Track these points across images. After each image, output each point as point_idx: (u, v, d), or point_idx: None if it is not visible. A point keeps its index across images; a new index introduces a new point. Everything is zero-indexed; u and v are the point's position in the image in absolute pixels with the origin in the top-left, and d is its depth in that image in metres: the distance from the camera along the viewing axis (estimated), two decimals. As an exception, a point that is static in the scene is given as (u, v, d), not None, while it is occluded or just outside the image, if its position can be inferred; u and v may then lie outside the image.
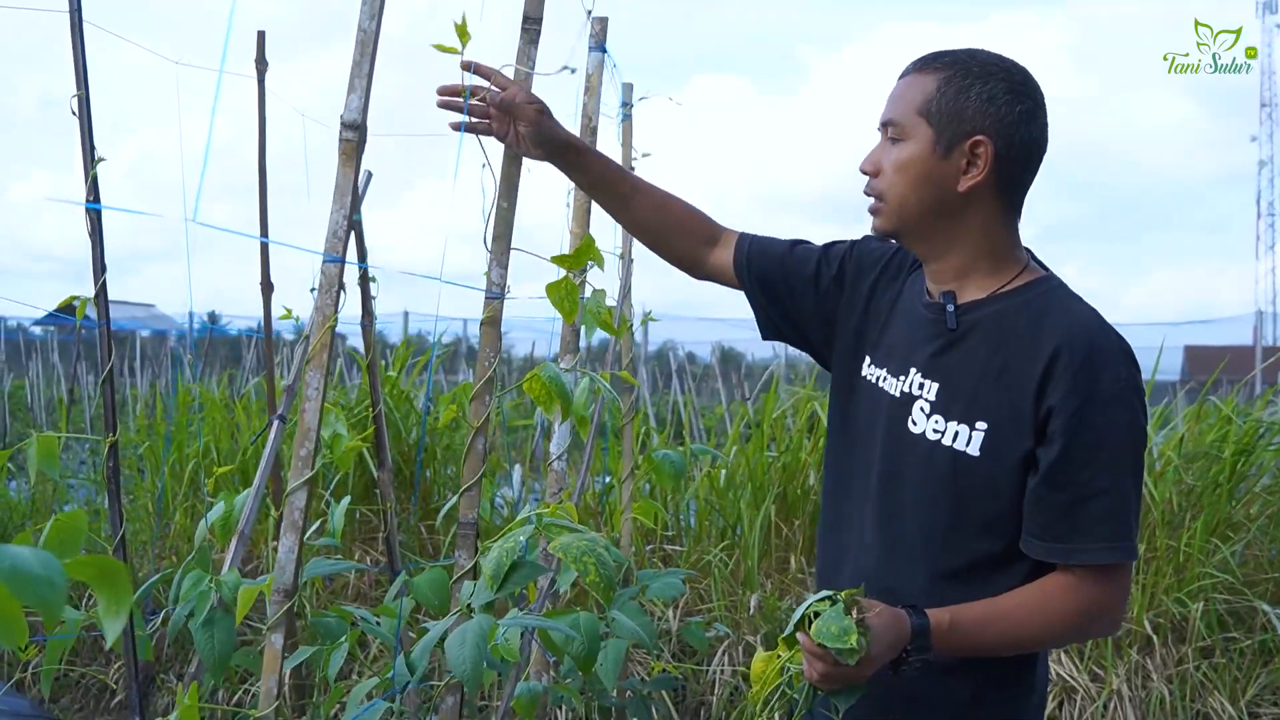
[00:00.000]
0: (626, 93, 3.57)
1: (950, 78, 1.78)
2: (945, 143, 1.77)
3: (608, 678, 2.85)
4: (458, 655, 1.85)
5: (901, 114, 1.82)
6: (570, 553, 1.97)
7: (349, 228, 1.72)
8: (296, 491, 1.73)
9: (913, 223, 1.84)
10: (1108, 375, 1.71)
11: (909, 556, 1.87)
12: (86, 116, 2.62)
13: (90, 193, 2.59)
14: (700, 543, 5.41)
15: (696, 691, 4.77)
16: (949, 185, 1.78)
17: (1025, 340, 1.76)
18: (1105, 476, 1.71)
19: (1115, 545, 1.72)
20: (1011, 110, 1.75)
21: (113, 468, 2.55)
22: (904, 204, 1.82)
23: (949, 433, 1.81)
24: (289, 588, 1.79)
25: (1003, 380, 1.77)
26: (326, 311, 1.71)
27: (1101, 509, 1.71)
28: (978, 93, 1.75)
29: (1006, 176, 1.79)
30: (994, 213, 1.81)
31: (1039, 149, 1.81)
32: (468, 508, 2.08)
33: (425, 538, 5.45)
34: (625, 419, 3.77)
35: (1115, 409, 1.71)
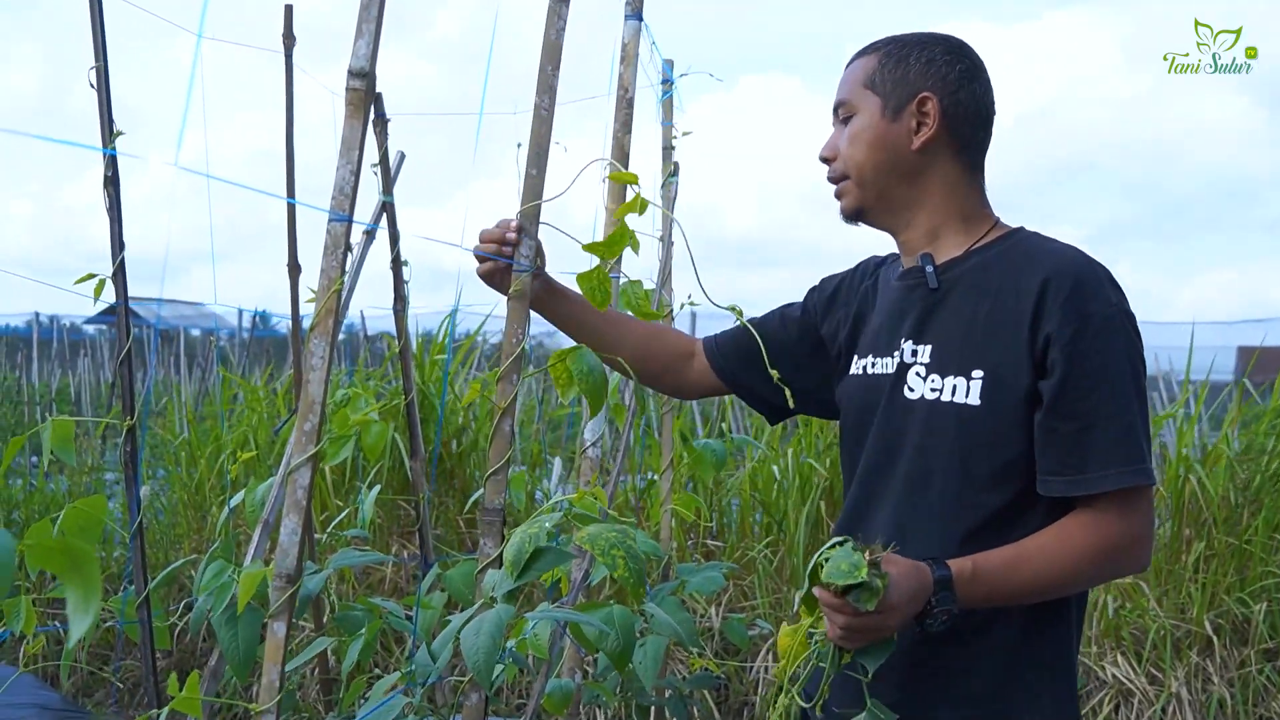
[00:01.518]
0: (667, 69, 3.45)
1: (890, 52, 1.88)
2: (893, 107, 1.85)
3: (646, 676, 2.74)
4: (471, 646, 1.74)
5: (849, 92, 1.91)
6: (599, 544, 1.86)
7: (356, 184, 1.61)
8: (300, 469, 1.62)
9: (875, 192, 1.89)
10: (1098, 301, 1.71)
11: (924, 524, 1.82)
12: (105, 89, 2.53)
13: (108, 168, 2.50)
14: (744, 538, 5.28)
15: (739, 691, 4.65)
16: (903, 146, 1.85)
17: (1009, 282, 1.77)
18: (1111, 402, 1.69)
19: (1130, 468, 1.69)
20: (951, 70, 1.84)
21: (130, 452, 2.45)
22: (862, 174, 1.88)
23: (947, 388, 1.80)
24: (292, 572, 1.68)
25: (992, 324, 1.77)
26: (332, 274, 1.60)
27: (1111, 435, 1.69)
28: (916, 57, 1.85)
29: (959, 134, 1.85)
30: (954, 171, 1.87)
31: (985, 107, 1.87)
32: (494, 493, 1.97)
33: (464, 531, 5.36)
34: (665, 408, 3.64)
35: (1110, 335, 1.70)
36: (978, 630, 1.77)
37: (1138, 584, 4.73)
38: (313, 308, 1.76)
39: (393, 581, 5.08)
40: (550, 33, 2.01)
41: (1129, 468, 1.68)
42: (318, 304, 1.58)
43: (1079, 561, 1.71)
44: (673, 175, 3.44)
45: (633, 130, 2.71)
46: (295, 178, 3.02)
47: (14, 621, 2.23)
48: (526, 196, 1.98)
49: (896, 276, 1.97)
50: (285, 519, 1.63)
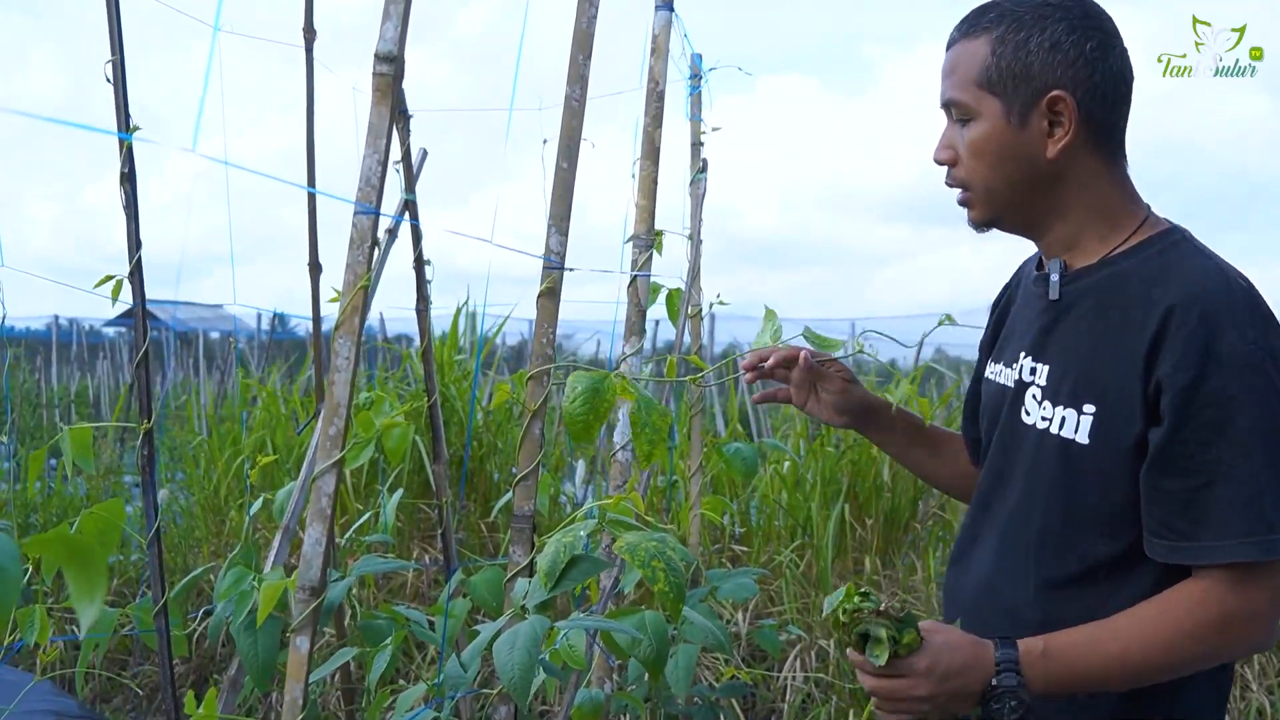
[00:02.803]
0: (696, 63, 3.37)
1: (1002, 36, 1.57)
2: (1019, 110, 1.57)
3: (678, 685, 2.66)
4: (506, 661, 1.66)
5: (961, 91, 1.61)
6: (638, 555, 1.77)
7: (384, 174, 1.53)
8: (324, 475, 1.54)
9: (1009, 206, 1.64)
10: (1230, 339, 1.45)
11: (1020, 561, 1.65)
12: (121, 83, 2.46)
13: (125, 164, 2.43)
14: (770, 543, 5.20)
15: (767, 698, 4.56)
16: (1037, 155, 1.58)
17: (1135, 305, 1.53)
18: (1235, 456, 1.44)
19: (1252, 540, 1.44)
20: (1082, 50, 1.54)
21: (148, 456, 2.38)
22: (992, 188, 1.62)
23: (1056, 419, 1.59)
24: (315, 584, 1.60)
25: (1111, 353, 1.54)
26: (358, 270, 1.52)
27: (1232, 496, 1.45)
28: (1038, 43, 1.55)
29: (1098, 124, 1.58)
30: (1095, 168, 1.60)
31: (1125, 81, 1.59)
32: (523, 499, 1.89)
33: (486, 536, 5.29)
34: (694, 410, 3.57)
35: (1241, 378, 1.44)
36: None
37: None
38: (334, 308, 1.69)
39: (414, 586, 5.02)
40: (581, 21, 1.94)
41: (1251, 539, 1.44)
42: (343, 301, 1.51)
43: (1179, 639, 1.48)
44: (701, 172, 3.36)
45: (663, 124, 2.64)
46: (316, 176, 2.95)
47: (28, 631, 2.17)
48: (557, 190, 1.91)
49: (1032, 280, 1.75)
50: (310, 528, 1.56)
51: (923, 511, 5.48)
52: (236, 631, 2.07)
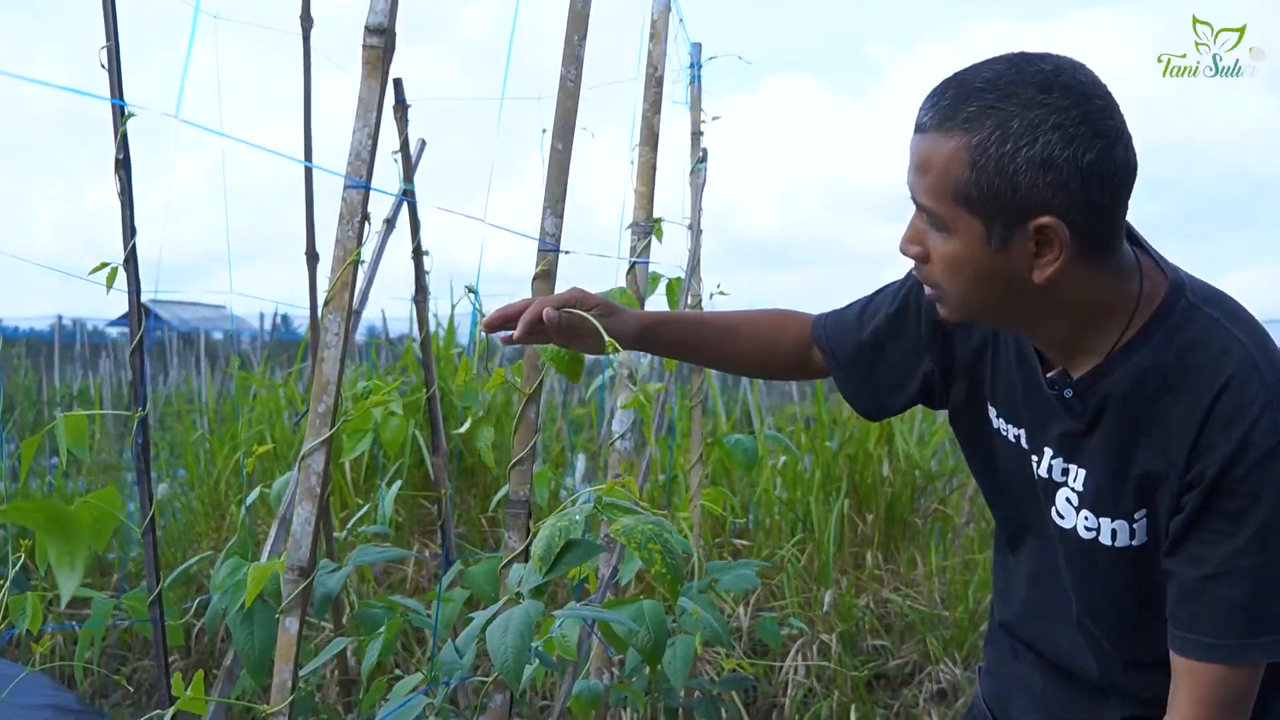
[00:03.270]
0: (695, 53, 3.36)
1: (983, 144, 1.31)
2: (1000, 233, 1.35)
3: (676, 676, 2.64)
4: (499, 645, 1.64)
5: (933, 200, 1.38)
6: (634, 537, 1.75)
7: (374, 148, 1.51)
8: (313, 453, 1.52)
9: (987, 314, 1.48)
10: (1260, 428, 1.34)
11: (1100, 648, 1.60)
12: (116, 70, 2.44)
13: (120, 150, 2.42)
14: (771, 538, 5.18)
15: (768, 693, 4.54)
16: (1020, 275, 1.38)
17: (1166, 405, 1.41)
18: (1251, 553, 1.36)
19: (1252, 641, 1.38)
20: (1079, 163, 1.29)
21: (141, 445, 2.36)
22: (968, 301, 1.45)
23: (1105, 530, 1.51)
24: (305, 564, 1.58)
25: (1151, 461, 1.44)
26: (348, 245, 1.50)
27: (1238, 593, 1.37)
28: (1026, 157, 1.29)
29: (1093, 240, 1.36)
30: (1087, 274, 1.40)
31: (1128, 183, 1.35)
32: (519, 484, 1.87)
33: (487, 530, 5.27)
34: (694, 401, 3.55)
35: (1262, 471, 1.34)
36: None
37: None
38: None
39: (414, 581, 5.00)
40: (577, 2, 1.92)
41: (1251, 640, 1.38)
42: (332, 276, 1.49)
43: None
44: (701, 162, 3.35)
45: (662, 111, 2.62)
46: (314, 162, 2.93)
47: (20, 619, 2.15)
48: (552, 171, 1.89)
49: (1027, 358, 1.58)
50: (299, 507, 1.54)
51: (923, 507, 5.46)
52: (232, 622, 2.05)
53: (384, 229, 3.08)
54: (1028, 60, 1.33)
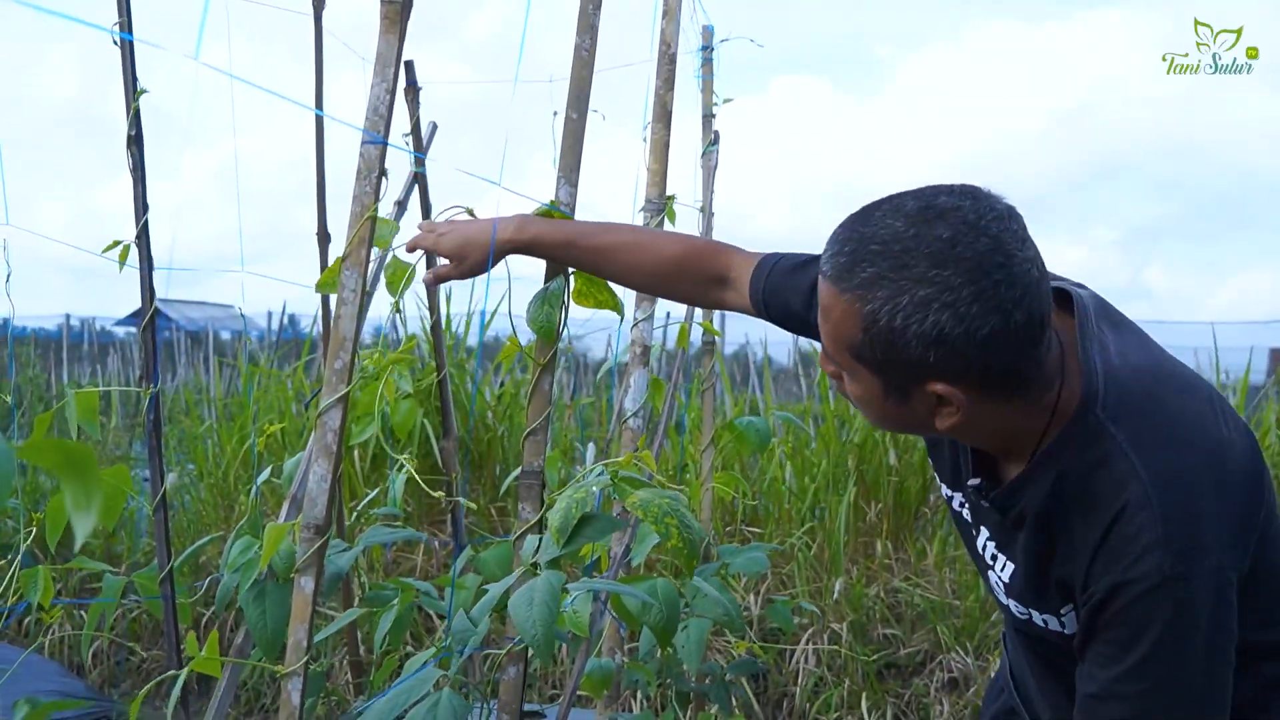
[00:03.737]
0: (706, 36, 3.34)
1: (874, 314, 1.31)
2: (897, 391, 1.38)
3: (690, 658, 2.63)
4: (525, 617, 1.62)
5: (832, 348, 1.42)
6: (651, 511, 1.74)
7: (391, 103, 1.50)
8: (330, 410, 1.51)
9: (903, 433, 1.54)
10: (1142, 565, 1.34)
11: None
12: (129, 49, 2.44)
13: (132, 126, 2.41)
14: (781, 526, 5.17)
15: (779, 682, 4.53)
16: (925, 422, 1.41)
17: (1074, 524, 1.42)
18: (1133, 679, 1.37)
19: None
20: (973, 337, 1.28)
21: (154, 421, 2.36)
22: (884, 425, 1.51)
23: (1037, 618, 1.55)
24: (320, 522, 1.57)
25: (1063, 566, 1.45)
26: (365, 201, 1.49)
27: (1119, 715, 1.39)
28: (916, 334, 1.29)
29: (999, 386, 1.36)
30: (1000, 410, 1.40)
31: (1030, 335, 1.32)
32: (533, 454, 1.86)
33: (495, 519, 5.27)
34: (706, 383, 3.53)
35: (1144, 604, 1.34)
36: None
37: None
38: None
39: (424, 569, 5.00)
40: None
41: None
42: (350, 232, 1.48)
43: None
44: (713, 144, 3.33)
45: (674, 88, 2.61)
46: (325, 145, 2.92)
47: (31, 591, 2.14)
48: (566, 140, 1.88)
49: (963, 463, 1.62)
50: (314, 465, 1.53)
51: (932, 496, 5.45)
52: (244, 600, 2.04)
53: (395, 211, 3.07)
54: (928, 223, 1.29)
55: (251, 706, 4.72)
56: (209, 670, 1.53)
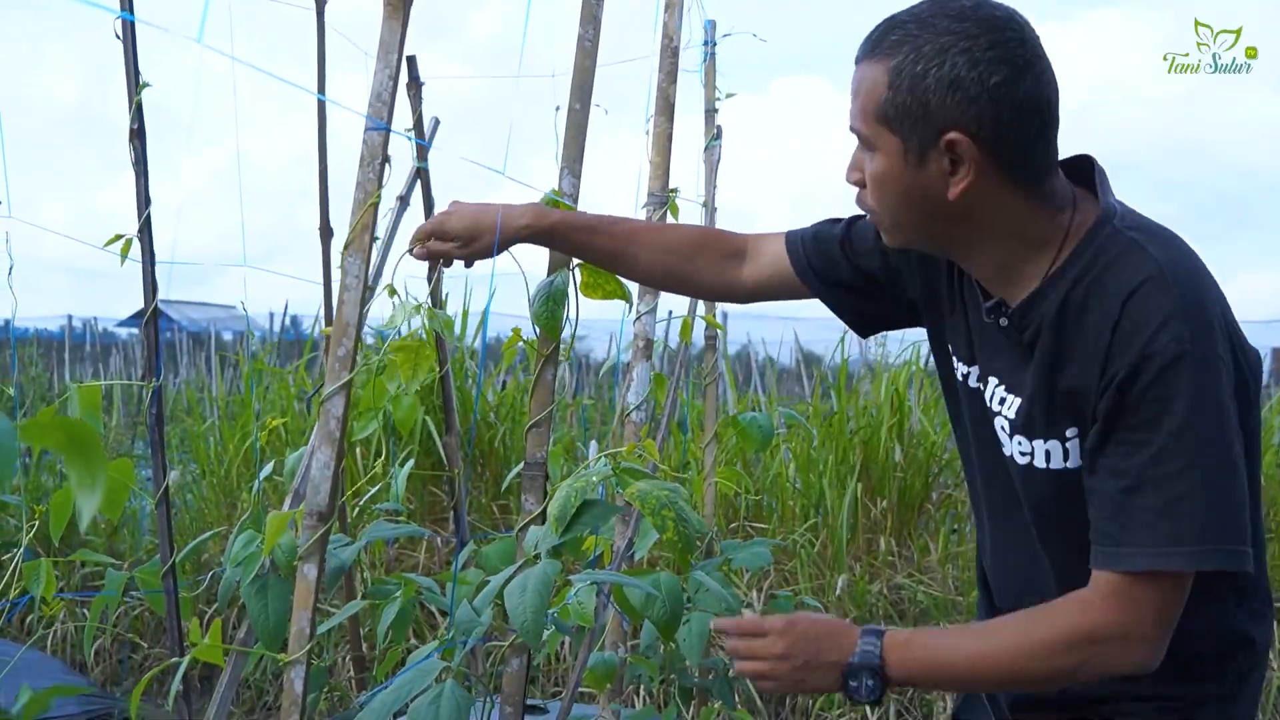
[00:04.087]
0: (709, 30, 3.34)
1: (899, 66, 1.42)
2: (916, 150, 1.45)
3: (691, 652, 2.62)
4: (517, 604, 1.62)
5: (861, 121, 1.50)
6: (648, 502, 1.74)
7: (394, 89, 1.50)
8: (333, 397, 1.51)
9: (919, 236, 1.56)
10: (1163, 336, 1.38)
11: (1053, 569, 1.62)
12: (131, 39, 2.43)
13: (135, 120, 2.41)
14: (784, 523, 5.17)
15: (781, 679, 4.53)
16: (939, 194, 1.46)
17: (1088, 324, 1.46)
18: (1164, 462, 1.38)
19: (1171, 550, 1.39)
20: (985, 83, 1.38)
21: (156, 414, 2.35)
22: (898, 221, 1.54)
23: (1039, 454, 1.55)
24: (324, 509, 1.57)
25: (1075, 374, 1.48)
26: (369, 188, 1.49)
27: (1154, 503, 1.39)
28: (936, 78, 1.40)
29: (1007, 158, 1.44)
30: (1009, 200, 1.47)
31: (1039, 110, 1.43)
32: (536, 446, 1.86)
33: (497, 517, 5.26)
34: (709, 379, 3.53)
35: (1169, 377, 1.38)
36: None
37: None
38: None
39: (425, 567, 4.99)
40: (593, -38, 1.91)
41: (1170, 549, 1.39)
42: (353, 219, 1.48)
43: (1049, 647, 1.45)
44: (715, 139, 3.33)
45: (677, 81, 2.61)
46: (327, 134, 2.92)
47: (34, 584, 2.14)
48: (570, 131, 1.88)
49: (974, 294, 1.65)
50: (318, 452, 1.53)
51: (936, 493, 5.44)
52: (246, 594, 2.04)
53: (398, 206, 3.06)
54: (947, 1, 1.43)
55: (254, 705, 4.72)
56: (212, 658, 1.53)
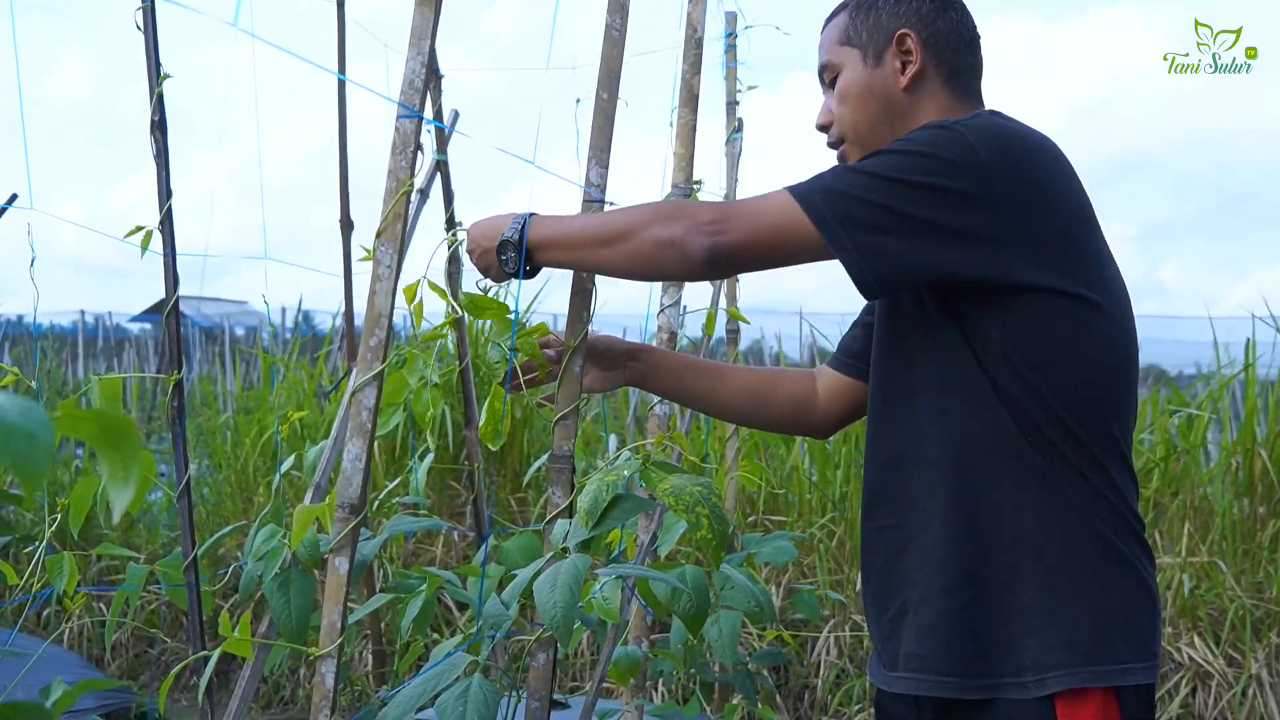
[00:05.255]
0: (730, 22, 3.32)
1: (858, 5, 1.81)
2: (873, 54, 1.78)
3: (723, 651, 2.61)
4: (548, 600, 1.60)
5: (827, 53, 1.84)
6: (682, 499, 1.71)
7: (428, 77, 1.48)
8: (365, 388, 1.49)
9: (875, 141, 1.75)
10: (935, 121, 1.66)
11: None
12: (152, 28, 2.42)
13: (155, 111, 2.39)
14: (803, 517, 5.14)
15: (800, 674, 4.51)
16: (892, 89, 1.77)
17: None
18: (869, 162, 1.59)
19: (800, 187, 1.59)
20: (923, 4, 1.77)
21: (177, 407, 2.34)
22: (858, 129, 1.79)
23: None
24: (356, 502, 1.55)
25: None
26: (401, 176, 1.47)
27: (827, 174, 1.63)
28: (885, 3, 1.78)
29: (945, 63, 1.78)
30: (944, 100, 1.77)
31: (966, 30, 1.80)
32: (563, 438, 1.84)
33: (515, 511, 5.25)
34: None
35: (913, 134, 1.61)
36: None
37: (1214, 563, 4.55)
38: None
39: (443, 561, 4.98)
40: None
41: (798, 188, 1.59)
42: (385, 208, 1.46)
43: (651, 207, 1.66)
44: (737, 131, 3.31)
45: (701, 72, 2.58)
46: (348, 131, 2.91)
47: (56, 578, 2.13)
48: (597, 121, 1.86)
49: None
50: (349, 444, 1.51)
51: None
52: (268, 589, 2.02)
53: (418, 199, 3.05)
54: None
55: (271, 699, 4.72)
56: (241, 652, 1.51)
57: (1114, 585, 1.57)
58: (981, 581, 1.58)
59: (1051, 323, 1.55)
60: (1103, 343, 1.59)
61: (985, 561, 1.58)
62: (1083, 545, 1.57)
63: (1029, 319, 1.55)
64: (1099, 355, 1.59)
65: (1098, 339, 1.58)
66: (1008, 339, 1.55)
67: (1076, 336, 1.56)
